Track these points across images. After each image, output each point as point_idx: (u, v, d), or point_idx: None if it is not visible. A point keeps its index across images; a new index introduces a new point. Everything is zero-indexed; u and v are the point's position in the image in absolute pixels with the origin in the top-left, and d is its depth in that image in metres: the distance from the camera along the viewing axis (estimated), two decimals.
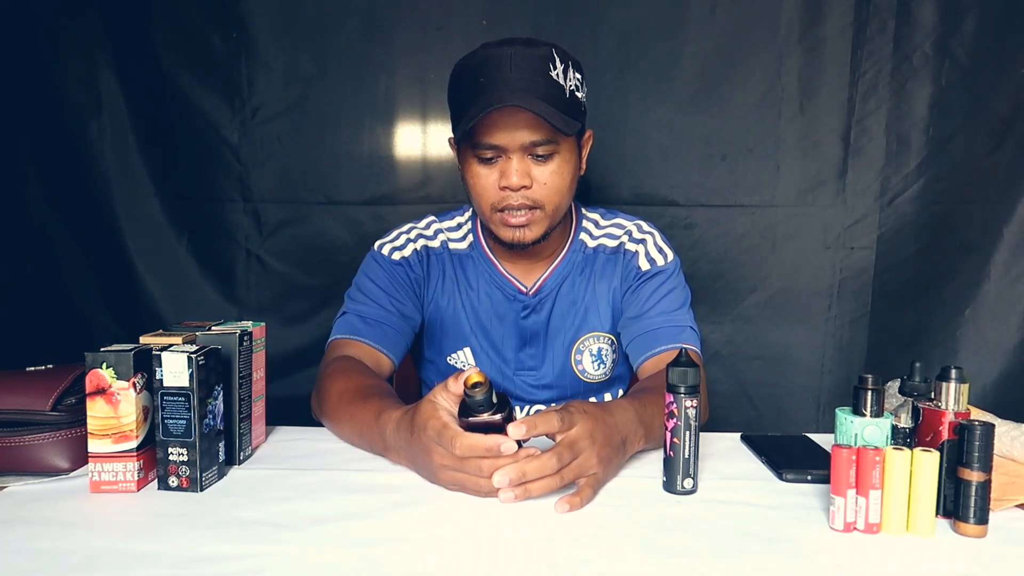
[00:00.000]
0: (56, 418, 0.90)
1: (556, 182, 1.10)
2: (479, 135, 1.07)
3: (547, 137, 1.06)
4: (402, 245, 1.24)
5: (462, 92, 1.09)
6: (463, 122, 1.06)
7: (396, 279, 1.21)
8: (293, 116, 1.64)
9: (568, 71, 1.08)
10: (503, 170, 1.09)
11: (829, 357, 1.64)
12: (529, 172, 1.08)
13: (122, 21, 1.62)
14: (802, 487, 0.88)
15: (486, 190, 1.11)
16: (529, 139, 1.06)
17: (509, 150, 1.07)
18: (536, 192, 1.10)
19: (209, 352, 0.85)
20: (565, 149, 1.10)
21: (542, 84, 1.04)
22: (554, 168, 1.09)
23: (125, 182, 1.66)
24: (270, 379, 1.02)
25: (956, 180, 1.57)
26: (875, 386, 0.78)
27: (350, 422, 1.00)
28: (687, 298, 1.22)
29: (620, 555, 0.71)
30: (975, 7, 1.52)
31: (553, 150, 1.08)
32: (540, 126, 1.05)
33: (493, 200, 1.11)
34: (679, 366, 0.83)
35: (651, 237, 1.24)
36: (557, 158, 1.09)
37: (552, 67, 1.06)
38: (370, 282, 1.21)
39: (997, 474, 0.76)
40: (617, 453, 0.88)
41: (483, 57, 1.07)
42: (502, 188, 1.09)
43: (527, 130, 1.05)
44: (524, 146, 1.07)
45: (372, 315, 1.17)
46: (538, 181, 1.09)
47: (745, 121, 1.59)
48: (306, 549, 0.71)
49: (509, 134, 1.06)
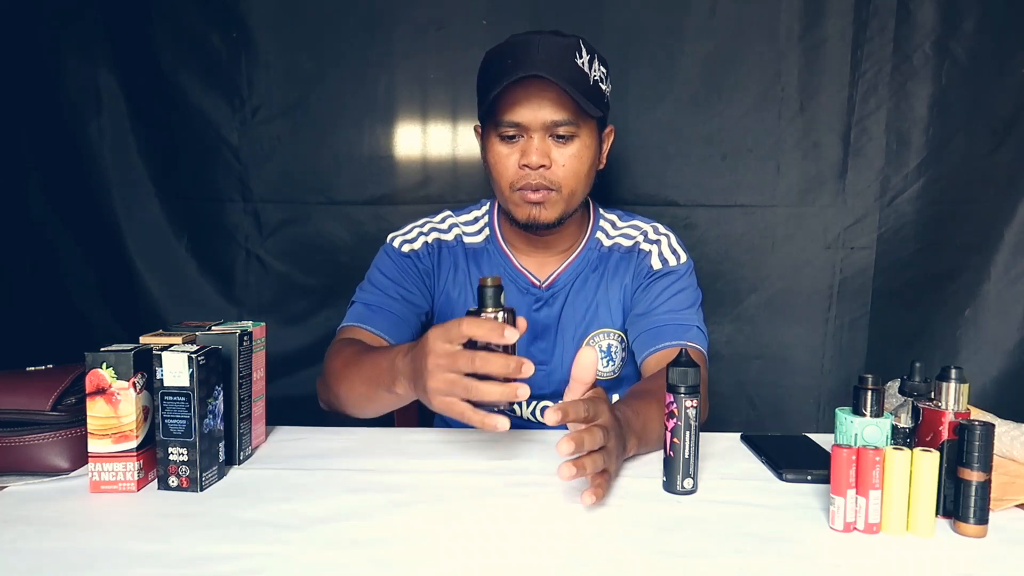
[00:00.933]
0: (56, 418, 0.90)
1: (575, 165, 1.13)
2: (502, 112, 1.10)
3: (568, 118, 1.10)
4: (413, 238, 1.27)
5: (490, 73, 1.12)
6: (488, 95, 1.09)
7: (404, 269, 1.24)
8: (293, 116, 1.64)
9: (593, 62, 1.12)
10: (524, 149, 1.12)
11: (829, 357, 1.64)
12: (549, 152, 1.12)
13: (122, 21, 1.62)
14: (802, 487, 0.88)
15: (506, 168, 1.14)
16: (551, 118, 1.10)
17: (531, 129, 1.11)
18: (554, 173, 1.13)
19: (209, 352, 0.85)
20: (585, 134, 1.13)
21: (567, 68, 1.08)
22: (573, 151, 1.13)
23: (125, 182, 1.66)
24: (270, 379, 1.02)
25: (956, 180, 1.57)
26: (875, 386, 0.78)
27: (359, 372, 1.01)
28: (697, 299, 1.23)
29: (620, 555, 0.71)
30: (975, 7, 1.52)
31: (574, 132, 1.12)
32: (562, 106, 1.09)
33: (512, 179, 1.14)
34: (679, 366, 0.83)
35: (666, 239, 1.27)
36: (577, 142, 1.13)
37: (578, 55, 1.10)
38: (378, 272, 1.25)
39: (997, 474, 0.76)
40: (622, 454, 0.89)
41: (511, 43, 1.12)
42: (521, 167, 1.12)
43: (550, 108, 1.09)
44: (546, 125, 1.10)
45: (376, 302, 1.20)
46: (557, 162, 1.12)
47: (745, 121, 1.59)
48: (306, 549, 0.71)
49: (532, 111, 1.09)
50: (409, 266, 1.24)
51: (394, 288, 1.22)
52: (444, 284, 1.26)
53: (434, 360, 0.82)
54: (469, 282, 1.26)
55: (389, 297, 1.21)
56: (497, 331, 0.79)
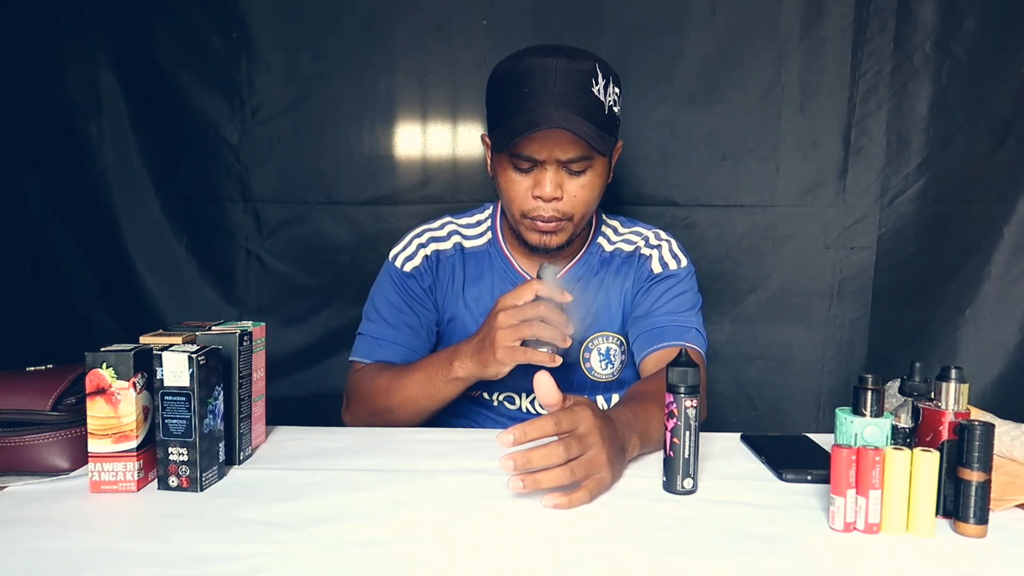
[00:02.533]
0: (56, 418, 0.90)
1: (587, 195, 1.14)
2: (518, 147, 1.10)
3: (583, 154, 1.10)
4: (412, 253, 1.27)
5: (504, 98, 1.12)
6: (504, 135, 1.09)
7: (407, 291, 1.26)
8: (293, 116, 1.64)
9: (608, 86, 1.11)
10: (537, 179, 1.12)
11: (829, 357, 1.64)
12: (562, 184, 1.12)
13: (122, 21, 1.62)
14: (802, 487, 0.88)
15: (519, 196, 1.14)
16: (566, 156, 1.10)
17: (546, 163, 1.11)
18: (566, 204, 1.13)
19: (209, 352, 0.85)
20: (598, 163, 1.14)
21: (583, 100, 1.07)
22: (586, 182, 1.13)
23: (125, 182, 1.66)
24: (270, 379, 1.02)
25: (956, 180, 1.57)
26: (875, 386, 0.78)
27: (411, 377, 1.13)
28: (697, 303, 1.25)
29: (620, 555, 0.71)
30: (975, 7, 1.52)
31: (587, 165, 1.12)
32: (578, 144, 1.09)
33: (524, 208, 1.15)
34: (679, 366, 0.83)
35: (667, 244, 1.28)
36: (590, 172, 1.13)
37: (595, 82, 1.09)
38: (383, 300, 1.26)
39: (997, 474, 0.76)
40: (620, 457, 0.88)
41: (527, 66, 1.09)
42: (535, 197, 1.12)
43: (566, 147, 1.09)
44: (560, 160, 1.10)
45: (383, 336, 1.23)
46: (569, 193, 1.13)
47: (745, 121, 1.59)
48: (306, 549, 0.71)
49: (548, 149, 1.09)
50: (413, 287, 1.25)
51: (398, 316, 1.24)
52: (444, 297, 1.27)
53: (503, 315, 1.01)
54: (469, 288, 1.26)
55: (393, 328, 1.24)
56: (557, 291, 1.02)
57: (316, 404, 1.63)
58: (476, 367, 1.06)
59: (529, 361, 1.00)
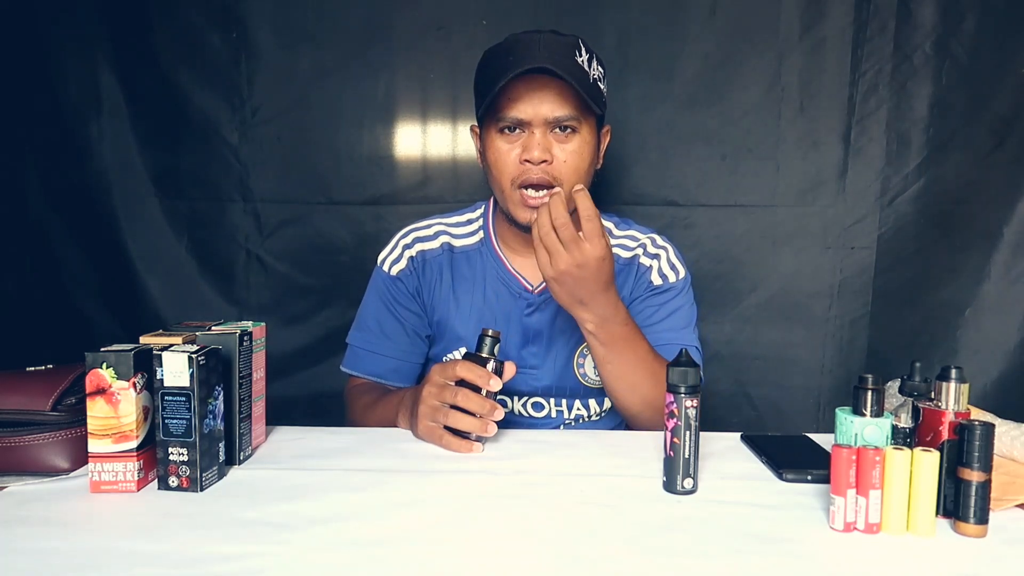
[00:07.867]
0: (56, 418, 0.90)
1: (575, 161, 1.13)
2: (504, 107, 1.11)
3: (571, 113, 1.11)
4: (398, 256, 1.27)
5: (490, 70, 1.13)
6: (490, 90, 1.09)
7: (393, 297, 1.27)
8: (293, 116, 1.64)
9: (592, 61, 1.14)
10: (525, 144, 1.12)
11: (829, 357, 1.64)
12: (550, 148, 1.12)
13: (122, 21, 1.62)
14: (802, 487, 0.88)
15: (507, 164, 1.14)
16: (553, 113, 1.10)
17: (532, 124, 1.11)
18: (556, 168, 1.13)
19: (209, 352, 0.85)
20: (585, 130, 1.14)
21: (568, 64, 1.09)
22: (574, 147, 1.13)
23: (125, 182, 1.66)
24: (270, 379, 1.02)
25: (956, 180, 1.57)
26: (875, 386, 0.78)
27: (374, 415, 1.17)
28: (693, 317, 1.25)
29: (620, 555, 0.71)
30: (975, 7, 1.52)
31: (575, 126, 1.12)
32: (565, 101, 1.10)
33: (513, 174, 1.14)
34: (679, 366, 0.83)
35: (664, 252, 1.27)
36: (577, 138, 1.13)
37: (578, 53, 1.11)
38: (369, 307, 1.28)
39: (997, 474, 0.76)
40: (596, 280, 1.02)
41: (511, 41, 1.13)
42: (523, 162, 1.12)
43: (552, 103, 1.10)
44: (547, 120, 1.11)
45: (369, 346, 1.26)
46: (558, 158, 1.13)
47: (745, 121, 1.59)
48: (306, 549, 0.71)
49: (534, 106, 1.10)
50: (400, 290, 1.26)
51: (383, 326, 1.26)
52: (432, 298, 1.27)
53: (428, 390, 1.00)
54: (459, 289, 1.26)
55: (378, 337, 1.26)
56: (485, 377, 0.97)
57: (316, 404, 1.63)
58: (409, 427, 1.06)
59: (446, 448, 0.99)
